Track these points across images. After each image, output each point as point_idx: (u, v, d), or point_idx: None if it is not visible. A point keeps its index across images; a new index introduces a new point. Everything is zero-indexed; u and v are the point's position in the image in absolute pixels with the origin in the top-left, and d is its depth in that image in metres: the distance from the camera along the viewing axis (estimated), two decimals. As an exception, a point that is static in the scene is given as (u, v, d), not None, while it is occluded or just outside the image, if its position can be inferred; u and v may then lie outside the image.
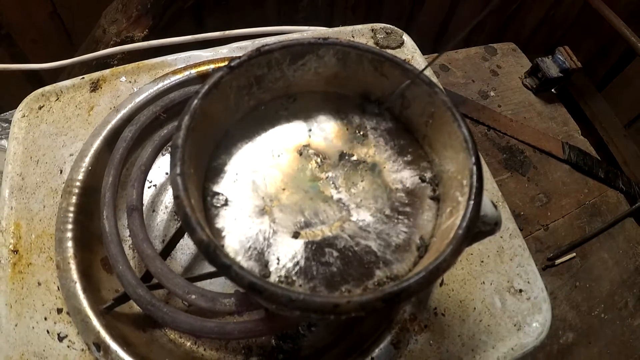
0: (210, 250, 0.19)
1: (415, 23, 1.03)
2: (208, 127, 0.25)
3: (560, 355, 0.58)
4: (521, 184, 0.65)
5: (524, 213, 0.64)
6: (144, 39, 0.80)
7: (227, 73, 0.25)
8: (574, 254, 0.63)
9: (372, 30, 0.52)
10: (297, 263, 0.23)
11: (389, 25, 0.52)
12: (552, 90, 0.78)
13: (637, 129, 1.05)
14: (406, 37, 0.51)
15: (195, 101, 0.23)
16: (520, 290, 0.41)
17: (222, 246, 0.24)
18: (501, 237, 0.42)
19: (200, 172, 0.25)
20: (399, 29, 0.52)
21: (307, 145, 0.27)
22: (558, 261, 0.62)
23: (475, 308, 0.39)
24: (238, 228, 0.24)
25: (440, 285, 0.39)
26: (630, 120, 1.05)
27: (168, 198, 0.44)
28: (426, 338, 0.37)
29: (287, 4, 0.95)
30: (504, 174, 0.65)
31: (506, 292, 0.40)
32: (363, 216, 0.25)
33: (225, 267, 0.18)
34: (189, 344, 0.38)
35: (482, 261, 0.41)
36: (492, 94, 0.73)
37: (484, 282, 0.40)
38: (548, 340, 0.58)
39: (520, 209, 0.64)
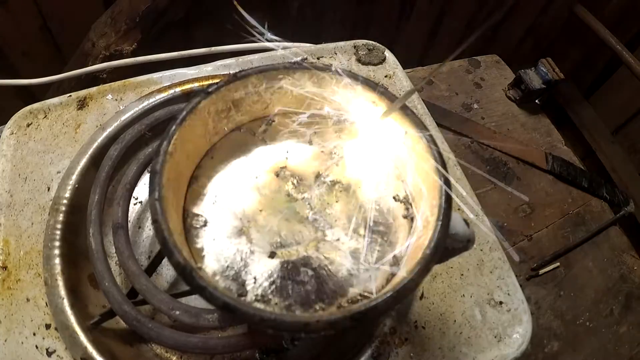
0: (187, 272, 0.19)
1: (402, 36, 1.05)
2: (187, 151, 0.26)
3: (545, 364, 0.59)
4: (504, 195, 0.67)
5: (508, 224, 0.65)
6: (133, 52, 0.81)
7: (204, 98, 0.26)
8: (558, 264, 0.64)
9: (355, 47, 0.53)
10: (273, 282, 0.24)
11: (371, 42, 0.53)
12: (536, 101, 0.79)
13: (625, 136, 1.07)
14: (388, 54, 0.53)
15: (174, 127, 0.24)
16: (501, 302, 0.41)
17: (202, 266, 0.24)
18: (481, 250, 0.43)
19: (180, 194, 0.26)
20: (381, 45, 0.53)
21: (284, 167, 0.28)
22: (542, 271, 0.63)
23: (455, 320, 0.40)
24: (217, 248, 0.25)
25: (421, 298, 0.40)
26: (617, 127, 1.07)
27: (155, 214, 0.44)
28: (407, 351, 0.38)
29: (275, 19, 0.96)
30: (488, 186, 0.66)
31: (486, 304, 0.41)
32: (337, 236, 0.26)
33: (200, 288, 0.19)
34: (174, 358, 0.38)
35: (462, 274, 0.42)
36: (475, 106, 0.74)
37: (464, 295, 0.41)
38: (533, 349, 0.59)
39: (503, 219, 0.65)
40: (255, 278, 0.24)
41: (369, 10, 0.97)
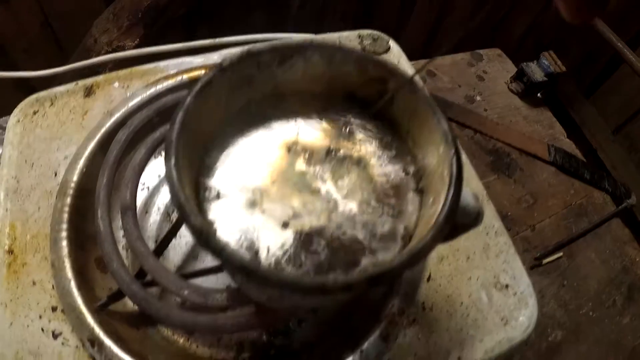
0: (204, 234, 0.20)
1: (404, 31, 1.06)
2: (200, 125, 0.26)
3: (549, 353, 0.59)
4: (508, 186, 0.67)
5: (511, 214, 0.65)
6: (135, 48, 0.81)
7: (218, 73, 0.26)
8: (561, 254, 0.65)
9: (359, 36, 0.53)
10: (286, 252, 0.24)
11: (375, 32, 0.54)
12: (538, 94, 0.80)
13: (625, 135, 1.07)
14: (392, 43, 0.53)
15: (189, 98, 0.24)
16: (507, 286, 0.42)
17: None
18: (487, 234, 0.44)
19: (193, 167, 0.26)
20: (385, 35, 0.54)
21: (295, 142, 0.28)
22: (545, 260, 0.63)
23: (462, 303, 0.40)
24: (229, 220, 0.25)
25: (428, 280, 0.40)
26: (618, 125, 1.08)
27: (160, 199, 0.44)
28: (414, 332, 0.38)
29: (277, 14, 0.96)
30: (491, 176, 0.67)
31: (492, 287, 0.41)
32: (349, 207, 0.26)
33: (218, 250, 0.19)
34: (182, 340, 0.38)
35: (469, 257, 0.42)
36: (478, 98, 0.75)
37: (470, 278, 0.41)
38: (537, 338, 0.59)
39: (507, 209, 0.65)
40: (268, 248, 0.24)
41: (371, 5, 0.98)
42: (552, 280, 0.63)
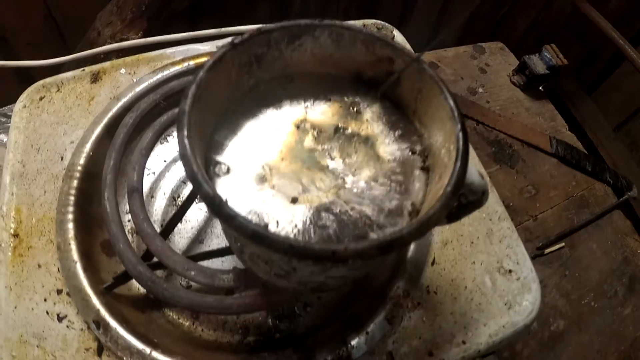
0: (216, 202, 0.20)
1: (407, 26, 1.06)
2: (211, 101, 0.26)
3: (551, 342, 0.59)
4: (510, 176, 0.67)
5: (513, 204, 0.65)
6: (139, 41, 0.81)
7: (230, 50, 0.26)
8: (563, 244, 0.65)
9: (364, 25, 0.54)
10: (296, 226, 0.24)
11: (379, 21, 0.54)
12: (540, 87, 0.80)
13: (627, 132, 1.08)
14: (396, 32, 0.54)
15: (202, 72, 0.24)
16: (510, 271, 0.42)
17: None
18: (490, 219, 0.44)
19: (204, 143, 0.26)
20: (389, 25, 0.54)
21: (304, 120, 0.29)
22: (547, 250, 0.63)
23: (466, 287, 0.40)
24: (240, 194, 0.25)
25: (432, 264, 0.40)
26: (619, 123, 1.08)
27: (166, 184, 0.45)
28: (419, 315, 0.38)
29: (280, 9, 0.97)
30: (493, 167, 0.67)
31: (496, 272, 0.42)
32: (357, 184, 0.26)
33: (230, 217, 0.19)
34: (187, 324, 0.39)
35: (472, 242, 0.42)
36: (480, 90, 0.75)
37: (474, 262, 0.41)
38: (539, 327, 0.60)
39: (509, 200, 0.65)
40: (277, 222, 0.24)
41: (373, 0, 0.98)
42: (554, 270, 0.63)
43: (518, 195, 0.66)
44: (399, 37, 0.54)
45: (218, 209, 0.20)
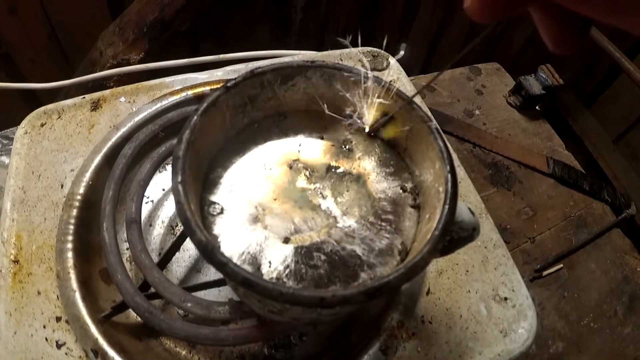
0: (209, 249, 0.20)
1: (405, 45, 1.07)
2: (206, 142, 0.27)
3: (550, 365, 0.59)
4: (507, 199, 0.68)
5: (511, 226, 0.66)
6: (140, 62, 0.83)
7: (223, 92, 0.27)
8: (561, 265, 0.65)
9: (360, 53, 0.54)
10: (288, 266, 0.25)
11: (375, 49, 0.55)
12: (536, 107, 0.81)
13: (626, 144, 1.08)
14: (392, 60, 0.54)
15: (195, 117, 0.25)
16: (506, 298, 0.42)
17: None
18: (485, 247, 0.44)
19: (198, 183, 0.27)
20: (385, 52, 0.55)
21: (296, 160, 0.29)
22: (545, 272, 0.63)
23: (461, 316, 0.40)
24: (233, 234, 0.26)
25: (427, 294, 0.41)
26: (618, 135, 1.09)
27: (164, 213, 0.45)
28: (414, 345, 0.38)
29: (279, 30, 0.98)
30: (490, 189, 0.68)
31: (491, 300, 0.42)
32: (348, 223, 0.27)
33: (221, 264, 0.20)
34: (184, 352, 0.39)
35: (467, 271, 0.43)
36: (477, 112, 0.76)
37: (469, 291, 0.42)
38: (538, 350, 0.59)
39: (506, 222, 0.66)
40: (270, 262, 0.25)
41: (371, 21, 1.00)
42: (552, 292, 0.63)
43: (515, 217, 0.67)
44: (394, 64, 0.54)
45: (210, 255, 0.20)
